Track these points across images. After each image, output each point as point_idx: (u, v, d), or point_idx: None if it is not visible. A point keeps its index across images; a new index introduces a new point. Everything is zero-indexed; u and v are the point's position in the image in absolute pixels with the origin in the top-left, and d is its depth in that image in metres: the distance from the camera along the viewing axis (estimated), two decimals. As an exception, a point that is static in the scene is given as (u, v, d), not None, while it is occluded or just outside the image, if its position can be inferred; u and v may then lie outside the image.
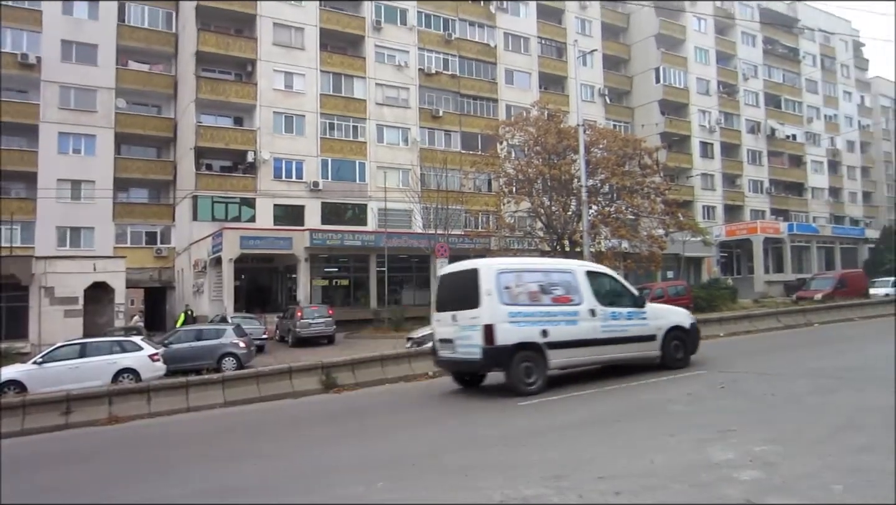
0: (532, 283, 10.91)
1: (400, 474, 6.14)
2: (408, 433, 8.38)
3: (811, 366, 10.94)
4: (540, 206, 30.74)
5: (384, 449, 7.48)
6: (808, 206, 57.85)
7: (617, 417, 7.94)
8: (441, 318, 11.47)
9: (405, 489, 5.58)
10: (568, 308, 10.89)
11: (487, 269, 10.75)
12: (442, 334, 11.34)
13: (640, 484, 4.99)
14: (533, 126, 31.33)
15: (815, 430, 6.36)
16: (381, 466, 6.54)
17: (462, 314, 10.67)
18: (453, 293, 11.30)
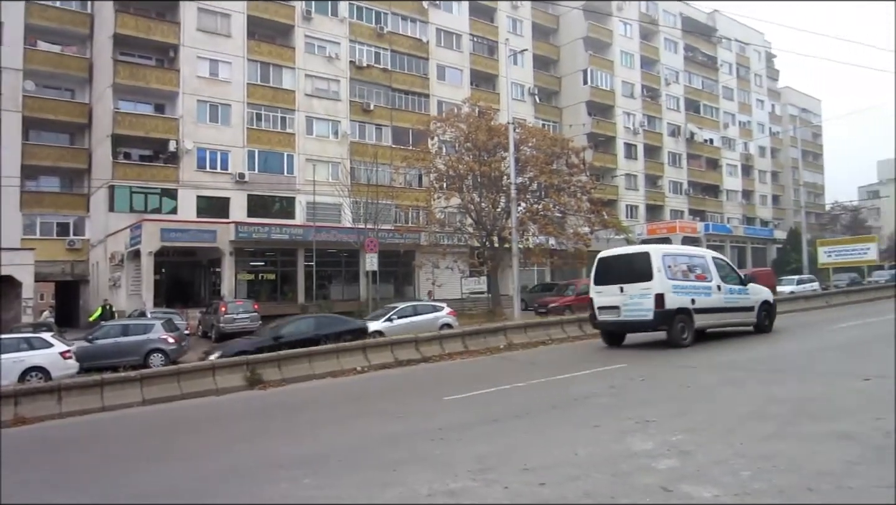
0: (682, 264, 14.32)
1: (327, 471, 6.06)
2: (336, 429, 8.28)
3: (723, 359, 11.52)
4: (470, 202, 31.05)
5: (312, 445, 7.37)
6: (723, 208, 60.77)
7: (544, 409, 8.10)
8: (604, 290, 14.29)
9: (332, 486, 5.52)
10: (705, 284, 14.29)
11: (656, 252, 13.95)
12: (606, 303, 14.19)
13: (564, 474, 5.11)
14: (464, 123, 31.60)
15: (726, 419, 6.69)
16: (308, 462, 6.43)
17: (631, 286, 13.63)
18: (620, 271, 14.15)
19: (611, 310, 14.13)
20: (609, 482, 4.82)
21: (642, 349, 13.80)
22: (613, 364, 11.50)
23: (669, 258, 14.07)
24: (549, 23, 51.71)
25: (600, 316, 14.53)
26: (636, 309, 13.56)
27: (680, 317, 13.41)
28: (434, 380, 12.34)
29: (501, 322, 19.93)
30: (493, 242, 31.22)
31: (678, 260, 14.36)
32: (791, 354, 11.63)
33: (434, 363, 14.37)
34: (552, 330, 17.34)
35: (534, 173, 30.52)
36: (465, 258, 34.65)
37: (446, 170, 31.75)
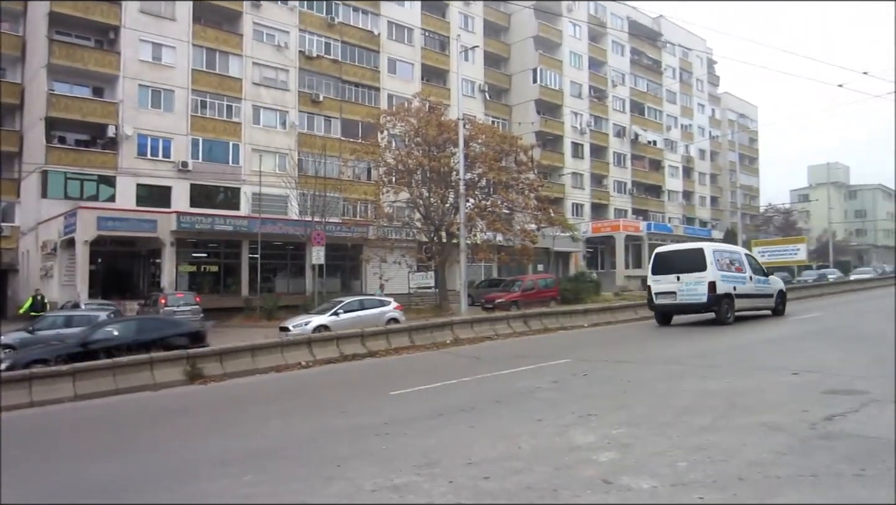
0: (726, 258, 17.53)
1: (270, 467, 5.97)
2: (279, 424, 8.17)
3: (662, 354, 11.88)
4: (419, 197, 31.03)
5: (254, 441, 7.24)
6: (665, 208, 62.54)
7: (489, 404, 8.18)
8: (661, 279, 17.32)
9: (273, 482, 5.44)
10: (742, 275, 17.45)
11: (708, 248, 17.29)
12: (663, 289, 17.22)
13: (507, 468, 5.18)
14: (414, 117, 31.52)
15: (664, 413, 6.90)
16: (250, 458, 6.32)
17: (687, 276, 16.58)
18: (676, 263, 17.25)
19: (667, 294, 17.16)
20: (551, 475, 4.92)
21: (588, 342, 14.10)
22: (557, 359, 11.71)
23: (717, 253, 17.34)
24: (501, 21, 52.06)
25: (657, 300, 17.53)
26: (691, 294, 16.59)
27: (726, 300, 16.54)
28: (380, 374, 12.31)
29: (448, 317, 20.01)
30: (441, 238, 31.30)
31: (723, 255, 17.59)
32: (725, 350, 12.07)
33: (380, 358, 14.33)
34: (498, 325, 17.52)
35: (483, 170, 30.71)
36: (412, 253, 34.64)
37: (395, 164, 31.64)
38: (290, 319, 21.42)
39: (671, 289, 17.02)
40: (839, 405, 6.60)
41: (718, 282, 16.35)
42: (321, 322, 19.88)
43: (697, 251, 17.32)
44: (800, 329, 15.17)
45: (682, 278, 16.73)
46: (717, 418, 6.48)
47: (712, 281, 16.25)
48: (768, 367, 9.62)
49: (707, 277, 16.30)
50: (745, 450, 5.24)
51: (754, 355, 11.25)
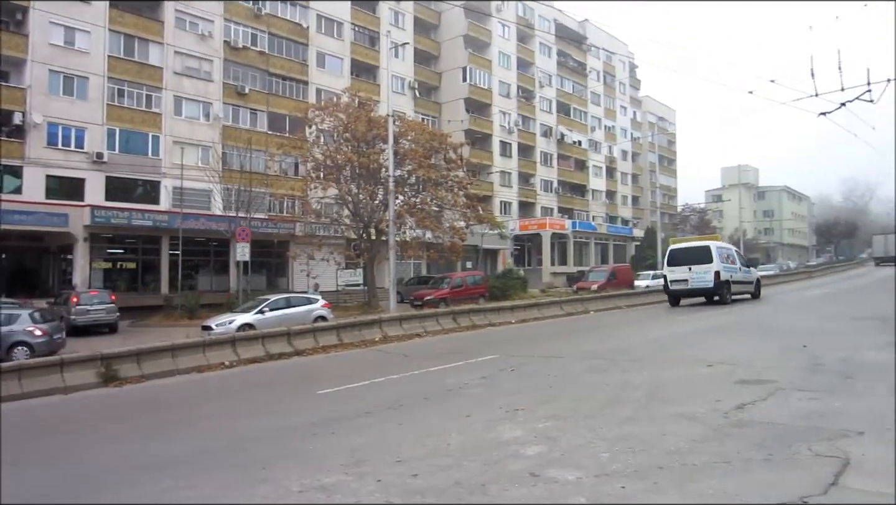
0: (724, 253, 22.08)
1: (193, 471, 5.77)
2: (202, 427, 7.90)
3: (587, 349, 12.21)
4: (347, 193, 30.69)
5: (177, 445, 6.97)
6: (589, 206, 64.30)
7: (418, 401, 8.19)
8: (675, 270, 21.59)
9: (198, 486, 5.26)
10: (734, 266, 22.18)
11: (713, 245, 21.98)
12: (676, 277, 21.48)
13: (436, 464, 5.20)
14: (343, 112, 31.12)
15: (588, 406, 7.10)
16: (172, 463, 6.08)
17: (697, 266, 20.91)
18: (688, 256, 21.57)
19: (680, 282, 21.45)
20: (480, 470, 4.97)
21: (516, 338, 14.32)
22: (485, 356, 11.85)
23: (719, 249, 21.94)
24: (431, 18, 52.10)
25: (672, 287, 21.83)
26: (701, 280, 20.88)
27: (725, 285, 20.99)
28: (307, 374, 12.11)
29: (377, 315, 19.90)
30: (370, 235, 31.07)
31: (722, 251, 22.21)
32: (647, 344, 12.52)
33: (307, 357, 14.10)
34: (427, 322, 17.55)
35: (412, 167, 30.68)
36: (341, 250, 34.23)
37: (324, 159, 31.14)
38: (213, 318, 20.79)
39: (684, 277, 21.29)
40: (749, 394, 6.97)
41: (722, 271, 20.86)
42: (246, 320, 19.41)
43: (705, 248, 21.85)
44: (714, 323, 15.92)
45: (693, 269, 21.05)
46: (638, 410, 6.73)
47: (717, 271, 20.71)
48: (686, 359, 10.05)
49: (713, 268, 20.71)
50: (664, 439, 5.45)
51: (673, 349, 11.73)
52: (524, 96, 57.29)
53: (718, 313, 18.33)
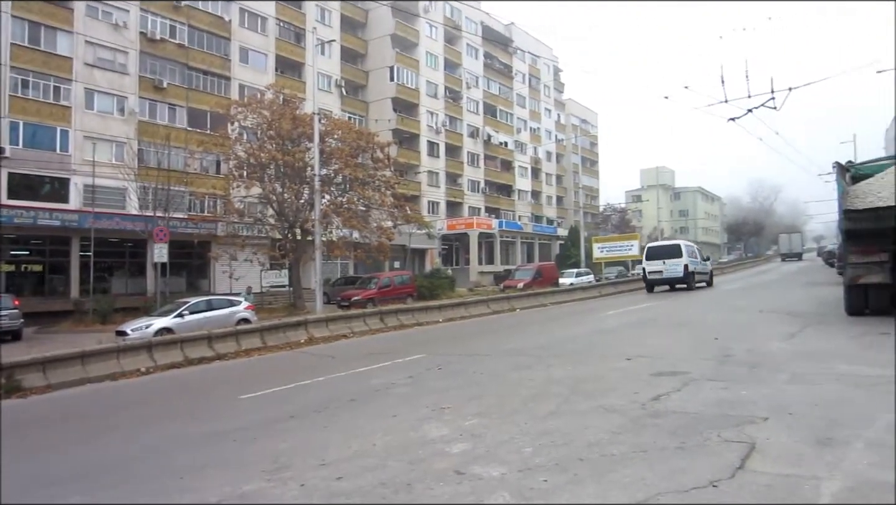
0: (690, 250, 27.46)
1: (103, 483, 5.49)
2: (117, 437, 7.53)
3: (512, 346, 12.40)
4: (272, 192, 30.01)
5: (88, 457, 6.61)
6: (515, 206, 65.40)
7: (344, 403, 8.09)
8: (652, 263, 26.58)
9: (105, 499, 5.01)
10: (697, 260, 27.89)
11: (682, 243, 28.27)
12: (653, 269, 26.45)
13: (361, 466, 5.15)
14: (267, 109, 30.42)
15: (513, 401, 7.21)
16: (81, 476, 5.77)
17: (670, 260, 25.98)
18: (662, 252, 26.83)
19: (656, 273, 26.50)
20: (405, 470, 4.96)
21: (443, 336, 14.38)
22: (412, 355, 11.85)
23: (686, 247, 27.70)
24: (358, 16, 51.65)
25: (649, 277, 26.78)
26: (673, 272, 26.09)
27: (692, 275, 26.43)
28: (229, 378, 11.75)
29: (302, 316, 19.55)
30: (295, 234, 30.50)
31: (688, 248, 27.92)
32: (570, 340, 12.84)
33: (230, 361, 13.70)
34: (354, 323, 17.40)
35: (338, 166, 30.31)
36: (265, 250, 33.42)
37: (247, 157, 30.31)
38: (128, 323, 19.87)
39: (659, 269, 26.42)
40: (664, 386, 7.27)
41: (689, 264, 26.32)
42: (164, 325, 18.63)
43: (676, 245, 27.93)
44: (633, 319, 16.50)
45: (667, 262, 26.24)
46: (561, 404, 6.88)
47: (686, 264, 26.11)
48: (606, 354, 10.38)
49: (683, 262, 26.09)
50: (585, 432, 5.60)
51: (595, 344, 12.07)
52: (451, 97, 57.67)
53: (638, 309, 19.03)
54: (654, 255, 27.16)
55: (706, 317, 15.77)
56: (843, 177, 13.03)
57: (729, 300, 21.03)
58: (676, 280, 26.27)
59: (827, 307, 14.95)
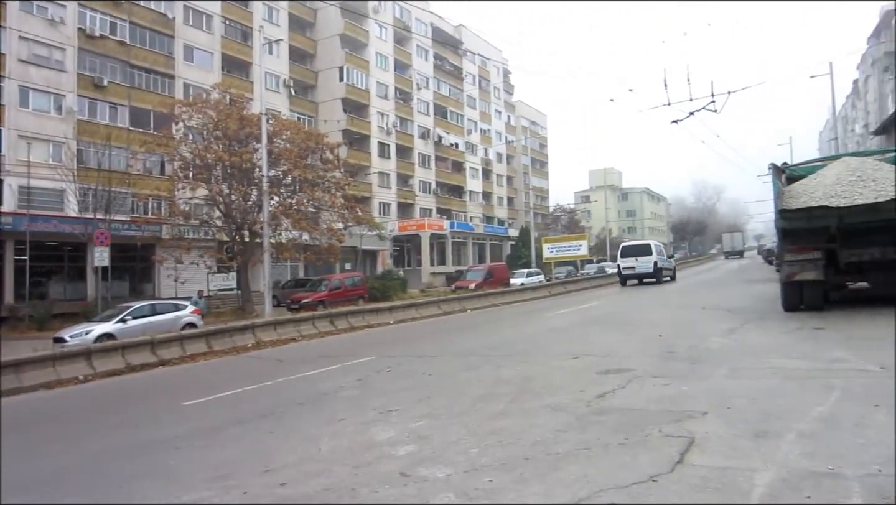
0: (658, 248, 31.69)
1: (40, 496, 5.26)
2: (50, 449, 7.22)
3: (462, 347, 12.44)
4: (218, 193, 29.36)
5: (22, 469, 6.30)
6: (467, 207, 65.71)
7: (290, 407, 7.96)
8: (626, 260, 30.32)
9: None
10: (664, 257, 32.70)
11: (652, 243, 32.37)
12: (627, 265, 30.18)
13: (306, 471, 5.08)
14: (213, 109, 29.76)
15: (461, 402, 7.22)
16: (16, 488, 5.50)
17: (641, 258, 29.94)
18: (634, 251, 30.69)
19: (629, 268, 30.37)
20: (350, 474, 4.90)
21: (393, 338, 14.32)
22: (362, 357, 11.77)
23: (655, 246, 31.75)
24: (307, 16, 51.03)
25: (623, 272, 30.63)
26: (644, 267, 30.00)
27: (660, 271, 30.33)
28: (173, 384, 11.43)
29: (250, 320, 19.16)
30: (243, 237, 29.91)
31: (658, 247, 31.99)
32: (519, 340, 12.96)
33: (174, 366, 13.33)
34: (303, 326, 17.17)
35: (287, 167, 29.84)
36: (212, 253, 32.62)
37: (192, 158, 29.56)
38: (66, 329, 19.10)
39: (632, 265, 30.34)
40: (610, 383, 7.40)
41: (658, 261, 30.32)
42: (105, 330, 17.99)
43: (647, 245, 31.99)
44: (582, 317, 16.77)
45: (639, 259, 30.21)
46: (509, 404, 6.93)
47: (655, 261, 30.05)
48: (554, 353, 10.50)
49: (653, 259, 30.04)
50: (532, 431, 5.65)
51: (544, 344, 12.20)
52: (402, 98, 57.56)
53: (586, 308, 19.35)
54: (627, 253, 30.89)
55: (651, 315, 16.14)
56: (778, 178, 13.52)
57: (674, 298, 21.58)
58: (647, 275, 30.04)
59: (765, 303, 15.49)
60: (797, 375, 7.11)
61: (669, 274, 32.58)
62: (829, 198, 11.83)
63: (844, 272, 12.65)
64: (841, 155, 17.13)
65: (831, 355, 8.06)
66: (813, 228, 11.95)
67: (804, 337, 9.97)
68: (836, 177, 12.48)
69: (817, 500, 3.62)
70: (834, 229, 11.80)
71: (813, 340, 9.63)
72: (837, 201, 11.63)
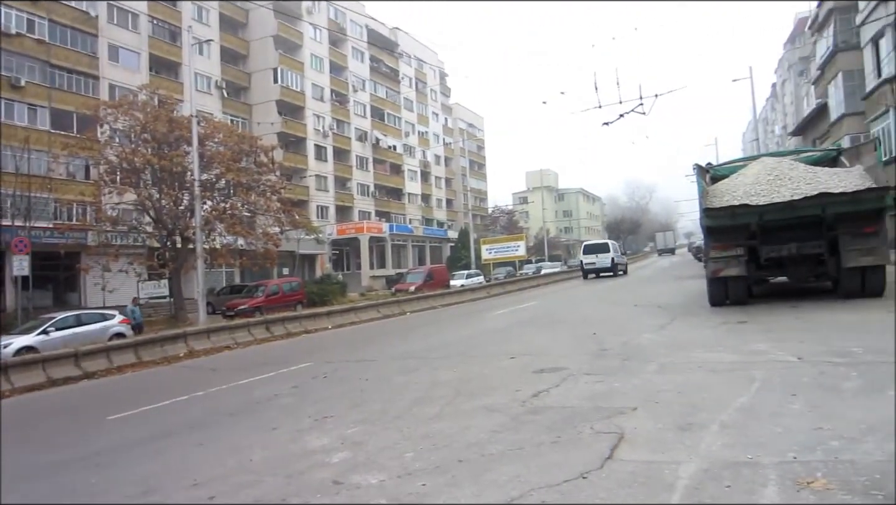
0: (614, 247, 37.66)
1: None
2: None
3: (400, 350, 12.39)
4: (148, 198, 28.34)
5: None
6: (406, 210, 65.64)
7: (222, 417, 7.75)
8: (588, 256, 35.60)
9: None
10: (619, 254, 38.77)
11: (610, 242, 38.28)
12: (588, 262, 35.45)
13: (236, 483, 4.94)
14: (141, 111, 28.72)
15: (397, 406, 7.17)
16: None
17: (601, 255, 35.37)
18: (595, 248, 36.28)
19: (591, 264, 35.09)
20: (282, 484, 4.80)
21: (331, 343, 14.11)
22: (298, 364, 11.56)
23: (612, 244, 36.73)
24: (238, 16, 49.88)
25: (586, 266, 35.45)
26: (603, 263, 34.76)
27: (616, 266, 35.19)
28: (97, 398, 10.95)
29: (182, 328, 18.57)
30: (174, 243, 28.96)
31: (614, 245, 36.90)
32: (456, 341, 12.98)
33: (100, 379, 12.77)
34: (238, 333, 16.76)
35: (220, 170, 29.07)
36: (142, 260, 31.47)
37: (119, 162, 28.43)
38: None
39: (593, 261, 35.19)
40: (545, 382, 7.48)
41: (615, 258, 35.44)
42: (26, 343, 17.08)
43: (606, 244, 36.97)
44: (519, 317, 16.98)
45: (598, 256, 35.16)
46: (445, 406, 6.91)
47: (612, 257, 35.16)
48: (492, 354, 10.57)
49: (611, 256, 35.12)
50: (466, 433, 5.65)
51: (482, 344, 12.26)
52: (338, 100, 57.02)
53: (524, 308, 19.60)
54: (589, 250, 36.34)
55: (587, 313, 16.47)
56: (703, 177, 14.04)
57: (608, 295, 22.10)
58: (605, 269, 35.09)
59: (693, 299, 16.03)
60: (721, 368, 7.37)
61: (623, 268, 37.64)
62: (750, 196, 12.37)
63: (765, 267, 13.19)
64: (760, 155, 17.94)
65: (753, 348, 8.40)
66: (736, 226, 12.42)
67: (729, 331, 10.36)
68: (755, 176, 13.06)
69: (737, 488, 3.75)
70: (755, 227, 12.28)
71: (737, 333, 10.01)
72: (757, 200, 12.17)
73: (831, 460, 4.00)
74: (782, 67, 68.23)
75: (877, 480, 3.63)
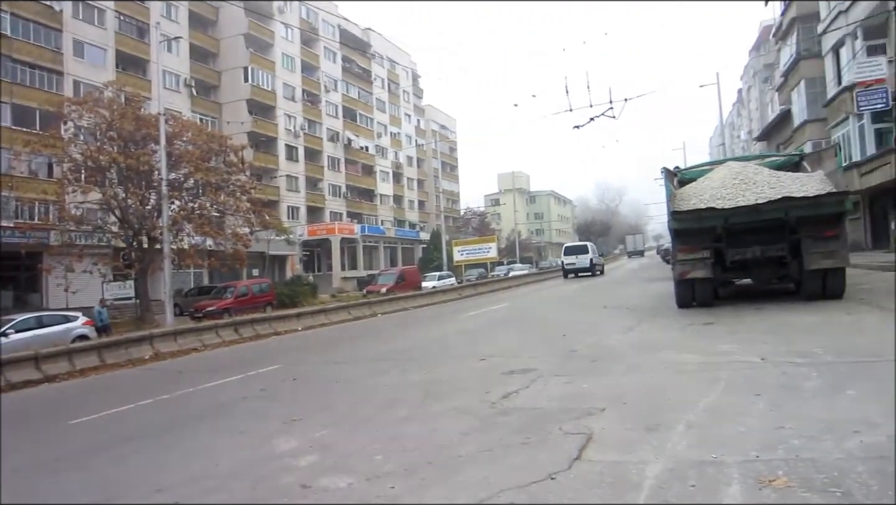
0: (594, 248, 41.44)
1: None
2: None
3: (370, 352, 12.34)
4: (113, 197, 27.76)
5: None
6: (378, 211, 65.42)
7: (189, 421, 7.62)
8: (569, 257, 38.62)
9: None
10: (597, 255, 41.62)
11: (589, 244, 41.39)
12: (569, 262, 38.31)
13: (201, 489, 4.85)
14: (107, 108, 28.11)
15: (366, 408, 7.14)
16: None
17: (580, 255, 38.41)
18: (575, 250, 39.54)
19: (571, 264, 37.66)
20: (249, 488, 4.73)
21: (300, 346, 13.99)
22: (267, 366, 11.41)
23: (591, 247, 39.90)
24: (208, 13, 49.20)
25: (566, 267, 37.91)
26: (582, 264, 37.49)
27: (595, 266, 38.06)
28: (58, 402, 10.67)
29: (148, 330, 18.21)
30: (141, 243, 28.41)
31: (592, 247, 40.11)
32: (426, 343, 12.99)
33: (61, 382, 12.46)
34: (205, 335, 16.50)
35: (189, 169, 28.61)
36: (107, 260, 30.79)
37: (84, 160, 27.78)
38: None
39: (573, 262, 37.80)
40: (514, 384, 7.50)
41: (593, 259, 38.20)
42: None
43: (585, 245, 40.08)
44: (490, 319, 17.03)
45: (578, 257, 37.91)
46: (415, 408, 6.90)
47: (591, 258, 37.90)
48: (463, 355, 10.58)
49: (589, 257, 37.78)
50: (436, 435, 5.65)
51: (452, 346, 12.29)
52: (309, 100, 56.61)
53: (495, 310, 19.66)
54: (569, 252, 39.27)
55: (557, 315, 16.60)
56: (670, 181, 14.25)
57: (578, 297, 22.29)
58: (584, 269, 37.49)
59: (661, 301, 16.23)
60: (688, 369, 7.48)
61: (600, 269, 40.18)
62: (716, 200, 12.59)
63: (731, 269, 13.43)
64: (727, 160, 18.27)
65: (719, 349, 8.55)
66: (702, 229, 12.63)
67: (695, 332, 10.52)
68: (721, 180, 13.29)
69: (701, 488, 3.80)
70: (720, 229, 12.50)
71: (703, 335, 10.17)
72: (723, 203, 12.39)
73: (792, 459, 4.08)
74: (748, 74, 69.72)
75: (835, 477, 3.71)
